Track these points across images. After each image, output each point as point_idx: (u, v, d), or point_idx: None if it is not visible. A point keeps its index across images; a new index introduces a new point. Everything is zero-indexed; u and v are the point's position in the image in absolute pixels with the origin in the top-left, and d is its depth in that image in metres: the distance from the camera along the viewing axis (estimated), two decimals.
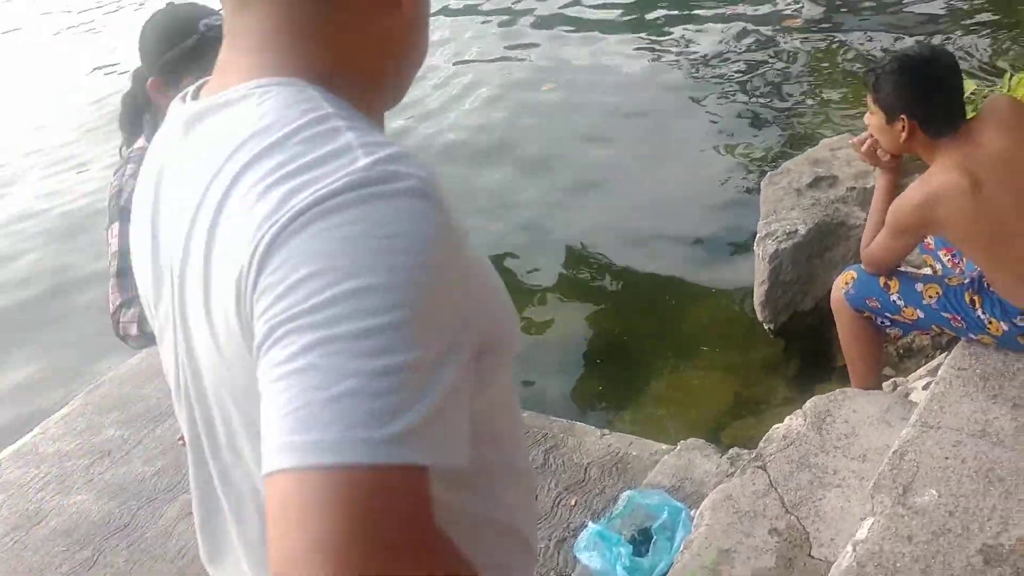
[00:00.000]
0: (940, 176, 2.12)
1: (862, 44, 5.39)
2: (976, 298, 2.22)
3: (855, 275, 2.41)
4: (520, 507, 0.91)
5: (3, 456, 3.24)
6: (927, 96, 2.16)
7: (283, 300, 0.63)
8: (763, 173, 4.05)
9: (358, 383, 0.61)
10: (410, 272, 0.63)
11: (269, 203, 0.65)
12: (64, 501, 2.96)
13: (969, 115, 2.22)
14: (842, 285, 2.44)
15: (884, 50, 5.04)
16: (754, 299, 3.43)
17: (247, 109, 0.72)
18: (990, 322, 2.19)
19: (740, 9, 6.26)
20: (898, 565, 1.71)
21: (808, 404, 2.34)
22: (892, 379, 2.73)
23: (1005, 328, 2.18)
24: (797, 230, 3.39)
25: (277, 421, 0.62)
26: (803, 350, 3.36)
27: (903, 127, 2.19)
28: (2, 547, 2.82)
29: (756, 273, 3.41)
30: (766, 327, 3.42)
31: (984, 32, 5.18)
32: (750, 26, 6.02)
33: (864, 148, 2.39)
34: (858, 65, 5.11)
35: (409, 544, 0.61)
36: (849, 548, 1.81)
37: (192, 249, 0.74)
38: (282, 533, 0.60)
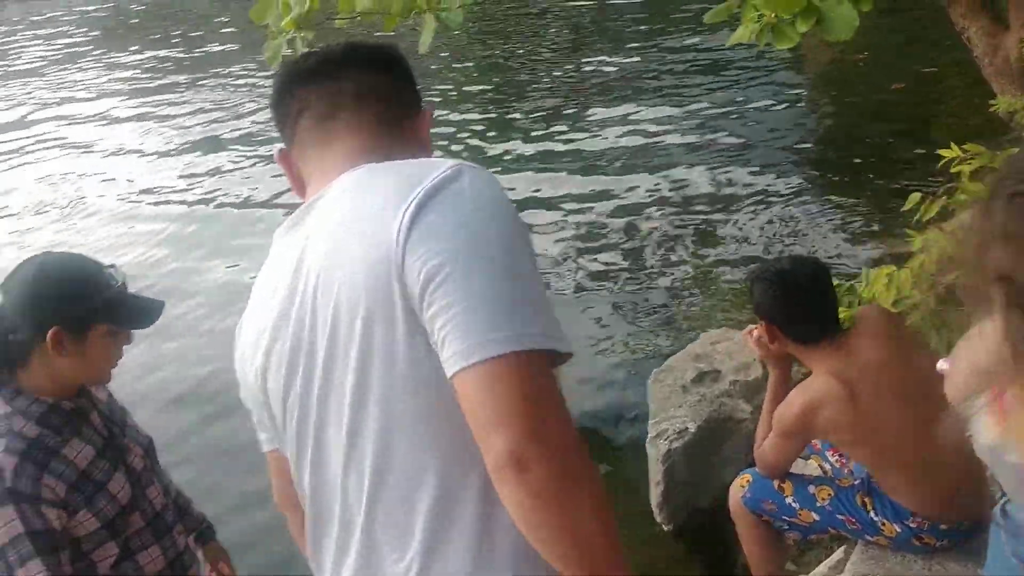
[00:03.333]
0: (817, 383, 2.20)
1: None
2: (867, 500, 2.25)
3: (750, 478, 2.44)
4: None
5: None
6: (786, 304, 2.26)
7: (435, 251, 0.97)
8: (649, 369, 4.14)
9: (507, 297, 0.96)
10: (517, 223, 1.04)
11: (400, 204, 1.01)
12: None
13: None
14: (738, 489, 2.45)
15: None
16: (651, 500, 3.40)
17: (372, 175, 1.10)
18: (883, 524, 2.22)
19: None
20: None
21: None
22: None
23: (898, 530, 2.21)
24: (687, 428, 3.43)
25: (455, 336, 0.95)
26: (704, 551, 3.32)
27: (773, 335, 2.29)
28: None
29: (651, 474, 3.40)
30: (665, 528, 3.38)
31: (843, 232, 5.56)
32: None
33: (754, 339, 2.45)
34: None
35: (565, 415, 0.98)
36: None
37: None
38: (490, 415, 0.94)
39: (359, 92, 1.17)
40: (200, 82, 11.87)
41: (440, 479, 1.03)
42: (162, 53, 14.40)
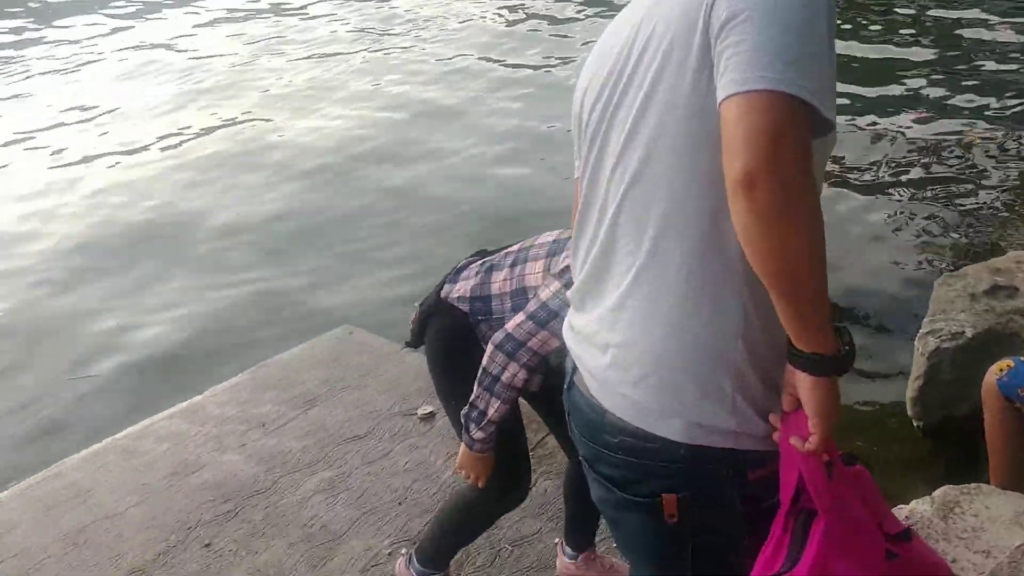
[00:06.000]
0: None
1: None
2: None
3: (1012, 364, 2.35)
4: None
5: (175, 411, 3.59)
6: None
7: (741, 3, 1.09)
8: (939, 273, 3.95)
9: (792, 51, 1.07)
10: (822, 5, 1.11)
11: None
12: (218, 458, 3.25)
13: None
14: (996, 372, 2.38)
15: None
16: (907, 393, 3.34)
17: None
18: None
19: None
20: None
21: (938, 492, 2.28)
22: None
23: None
24: (964, 332, 3.28)
25: (733, 67, 1.08)
26: (949, 455, 3.23)
27: None
28: (158, 488, 3.13)
29: (913, 368, 3.32)
30: (915, 424, 3.32)
31: None
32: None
33: None
34: None
35: (805, 157, 1.07)
36: None
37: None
38: (737, 137, 1.06)
39: None
40: None
41: (684, 192, 1.20)
42: None
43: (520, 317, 1.97)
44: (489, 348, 1.99)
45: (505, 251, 2.20)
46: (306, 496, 3.01)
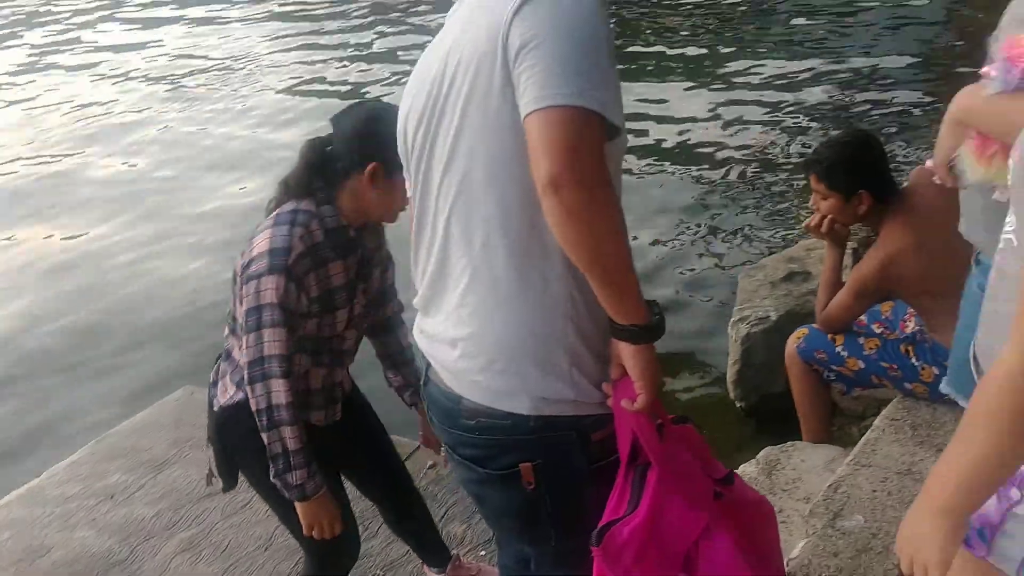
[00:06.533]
0: (893, 236, 2.44)
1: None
2: (910, 348, 2.47)
3: (807, 331, 2.69)
4: None
5: (10, 498, 3.42)
6: (875, 162, 2.52)
7: (533, 27, 1.25)
8: (742, 267, 4.36)
9: (581, 68, 1.24)
10: (603, 24, 1.29)
11: None
12: (68, 536, 3.13)
13: None
14: (795, 340, 2.70)
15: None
16: (727, 378, 3.66)
17: None
18: (923, 368, 2.43)
19: None
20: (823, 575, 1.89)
21: (761, 453, 2.55)
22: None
23: (936, 372, 2.41)
24: (769, 316, 3.64)
25: (531, 87, 1.25)
26: (771, 432, 3.54)
27: (861, 201, 2.51)
28: None
29: (730, 354, 3.65)
30: (738, 405, 3.64)
31: None
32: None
33: (824, 228, 2.67)
34: None
35: (599, 159, 1.25)
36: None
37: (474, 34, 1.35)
38: (540, 148, 1.23)
39: None
40: None
41: (502, 198, 1.36)
42: None
43: (241, 343, 1.89)
44: (248, 393, 1.88)
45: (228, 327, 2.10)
46: (167, 560, 2.96)
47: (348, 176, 1.91)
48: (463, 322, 1.44)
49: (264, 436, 1.87)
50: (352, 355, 2.18)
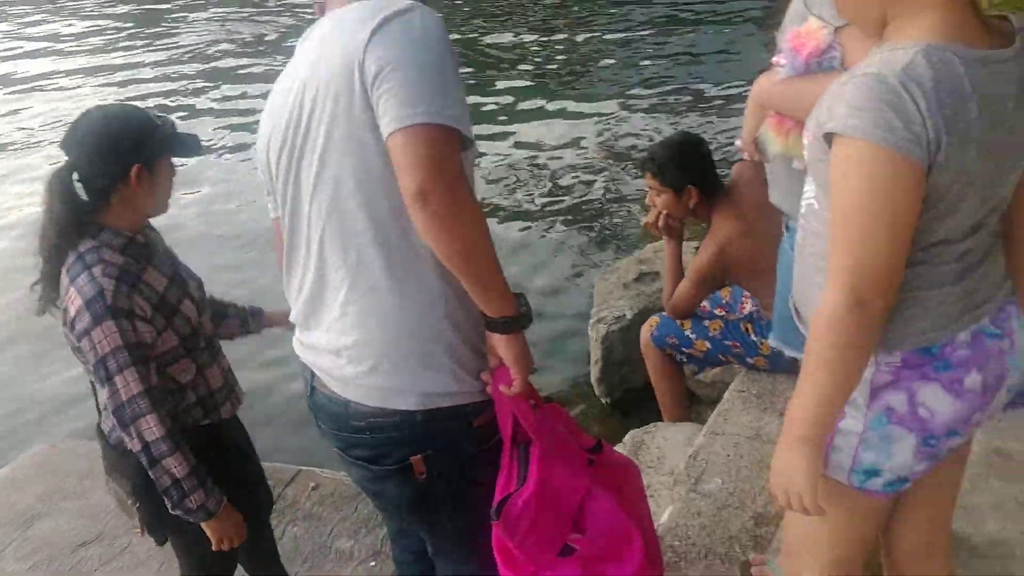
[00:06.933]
0: (723, 228, 2.70)
1: None
2: (749, 326, 2.75)
3: (658, 320, 2.93)
4: None
5: None
6: (703, 162, 2.78)
7: (386, 55, 1.36)
8: (598, 272, 4.61)
9: (433, 89, 1.35)
10: (449, 50, 1.42)
11: (368, 24, 1.40)
12: None
13: None
14: (648, 328, 2.94)
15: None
16: (591, 376, 3.88)
17: (357, 7, 1.47)
18: (761, 343, 2.70)
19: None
20: (689, 533, 2.09)
21: (627, 437, 2.75)
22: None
23: (773, 346, 2.67)
24: (625, 315, 3.89)
25: (391, 109, 1.35)
26: (636, 417, 3.78)
27: (690, 196, 2.77)
28: None
29: (592, 353, 3.87)
30: (603, 401, 3.86)
31: None
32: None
33: (661, 224, 2.93)
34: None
35: (459, 169, 1.37)
36: None
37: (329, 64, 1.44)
38: (406, 163, 1.34)
39: None
40: None
41: (373, 213, 1.47)
42: None
43: (106, 391, 1.83)
44: (127, 437, 1.85)
45: None
46: None
47: (113, 190, 1.85)
48: (346, 331, 1.54)
49: (151, 474, 1.84)
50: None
